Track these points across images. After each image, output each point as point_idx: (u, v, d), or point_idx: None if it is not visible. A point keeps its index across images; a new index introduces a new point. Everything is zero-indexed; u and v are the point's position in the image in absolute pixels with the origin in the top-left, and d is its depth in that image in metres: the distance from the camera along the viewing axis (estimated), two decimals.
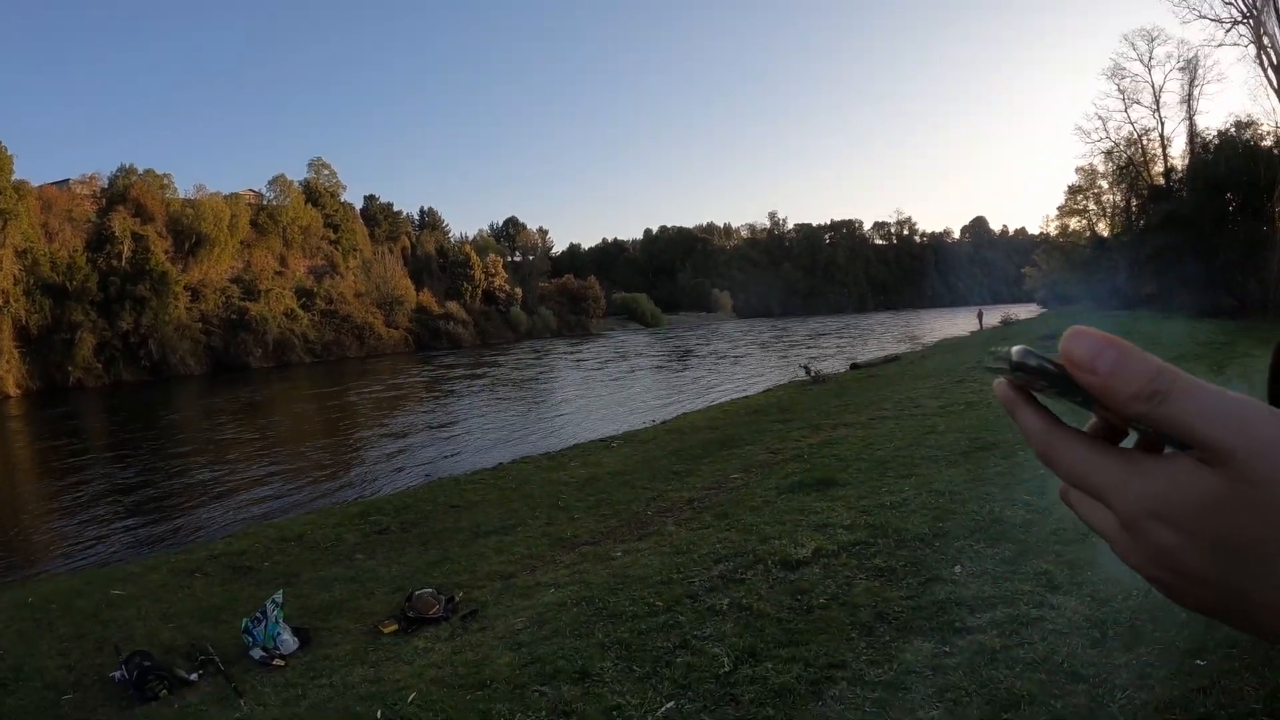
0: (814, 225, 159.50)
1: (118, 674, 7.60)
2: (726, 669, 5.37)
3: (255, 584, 10.39)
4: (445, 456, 23.46)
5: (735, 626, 6.04)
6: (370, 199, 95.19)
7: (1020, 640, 5.08)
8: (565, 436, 24.72)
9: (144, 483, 21.19)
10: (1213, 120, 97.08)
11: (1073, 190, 57.72)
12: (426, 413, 34.01)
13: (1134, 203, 48.55)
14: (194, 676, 7.63)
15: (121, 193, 62.07)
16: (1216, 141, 38.72)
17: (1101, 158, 51.70)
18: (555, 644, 6.46)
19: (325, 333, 71.48)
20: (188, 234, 64.37)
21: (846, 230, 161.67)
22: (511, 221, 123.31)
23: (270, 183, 78.97)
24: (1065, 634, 5.08)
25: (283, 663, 7.94)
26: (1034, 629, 5.21)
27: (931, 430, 13.31)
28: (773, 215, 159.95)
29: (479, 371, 52.48)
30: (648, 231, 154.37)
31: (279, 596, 8.90)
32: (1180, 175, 43.84)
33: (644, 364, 54.79)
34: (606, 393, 38.04)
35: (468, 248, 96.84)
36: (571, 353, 67.87)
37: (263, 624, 8.41)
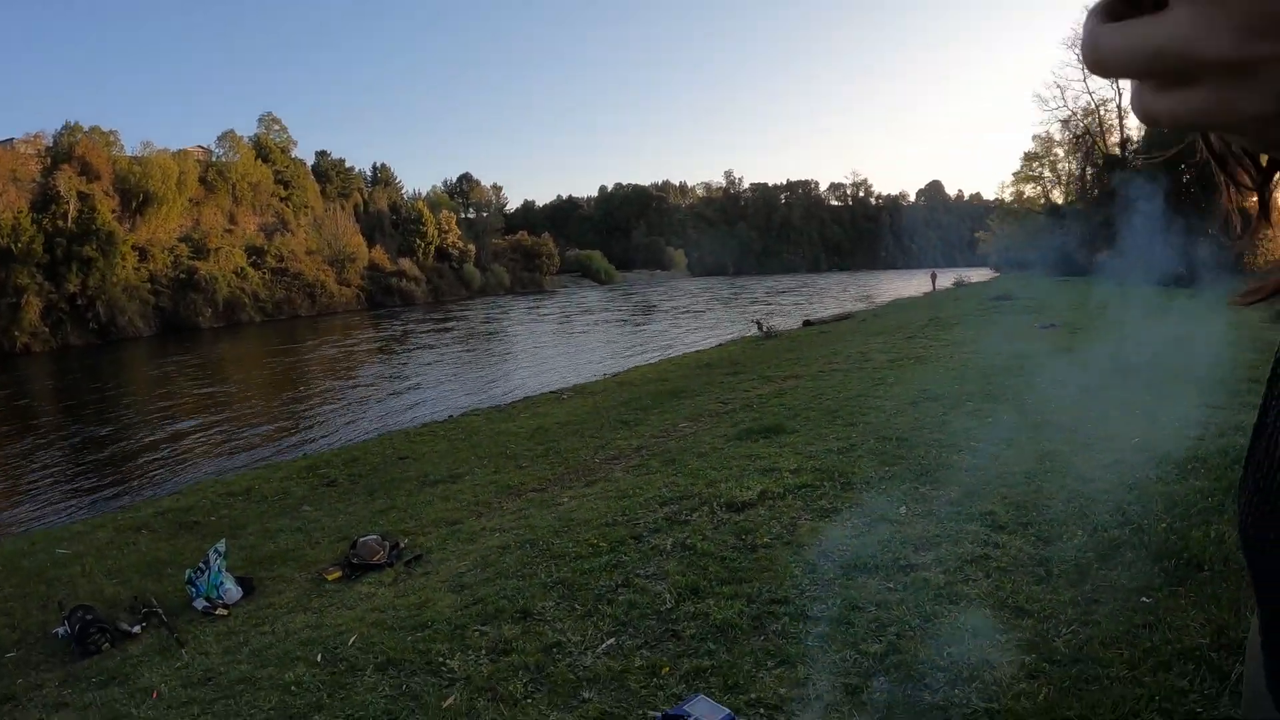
0: (770, 185, 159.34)
1: (61, 630, 7.47)
2: (669, 605, 5.28)
3: (201, 538, 10.20)
4: (397, 411, 23.29)
5: (678, 565, 5.94)
6: (322, 155, 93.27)
7: (965, 577, 5.03)
8: (516, 390, 24.59)
9: (92, 445, 20.74)
10: None
11: (1029, 157, 58.31)
12: (378, 370, 33.70)
13: (1089, 171, 49.04)
14: (136, 629, 7.48)
15: (67, 151, 59.93)
16: None
17: (1058, 126, 52.17)
18: (497, 585, 6.36)
19: (276, 291, 70.19)
20: (135, 192, 62.43)
21: (802, 191, 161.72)
22: (465, 178, 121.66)
23: (219, 138, 76.89)
24: (1010, 572, 5.03)
25: (226, 612, 7.83)
26: (978, 567, 5.17)
27: (881, 382, 13.31)
28: (728, 174, 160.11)
29: (431, 328, 52.05)
30: (603, 189, 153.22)
31: (221, 546, 8.76)
32: (1136, 146, 44.25)
33: (597, 320, 54.64)
34: (558, 348, 37.90)
35: (421, 204, 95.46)
36: (525, 309, 67.60)
37: (205, 574, 8.28)
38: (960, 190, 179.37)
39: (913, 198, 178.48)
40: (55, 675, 6.72)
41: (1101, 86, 47.36)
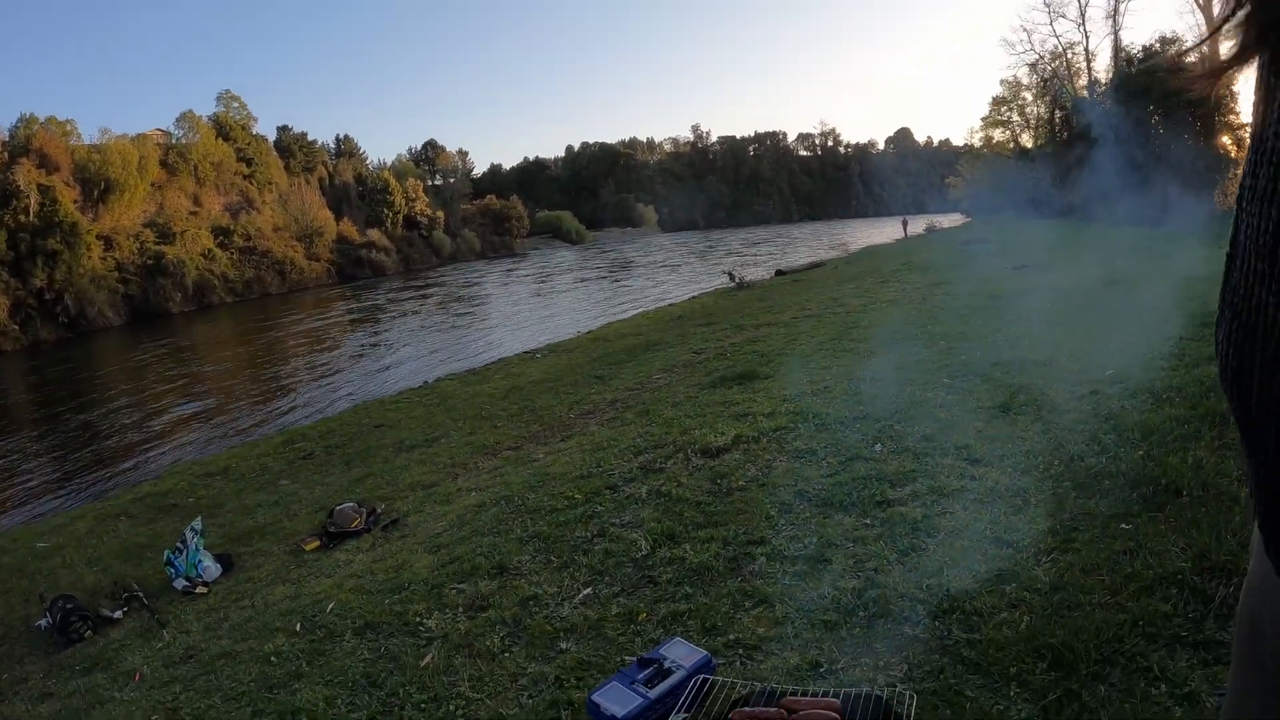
0: (738, 138, 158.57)
1: (43, 622, 7.45)
2: (644, 552, 5.22)
3: (180, 520, 10.15)
4: (372, 382, 23.25)
5: (654, 513, 5.88)
6: (283, 130, 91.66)
7: (942, 510, 4.99)
8: (492, 353, 24.50)
9: (70, 440, 20.44)
10: (1138, 36, 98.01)
11: (997, 101, 58.28)
12: (352, 342, 33.48)
13: (1057, 115, 49.01)
14: (118, 614, 7.50)
15: (23, 144, 58.42)
16: (1141, 56, 39.08)
17: (1026, 70, 52.08)
18: (473, 543, 6.31)
19: (245, 271, 69.16)
20: (96, 181, 61.09)
21: (771, 142, 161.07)
22: (430, 145, 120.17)
23: (178, 120, 75.23)
24: (987, 503, 4.99)
25: (206, 590, 7.84)
26: (955, 500, 5.12)
27: (854, 325, 13.27)
28: (696, 128, 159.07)
29: (403, 298, 51.73)
30: (570, 149, 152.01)
31: (198, 524, 8.73)
32: (1103, 88, 44.22)
33: (569, 280, 54.45)
34: (532, 309, 37.78)
35: (386, 174, 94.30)
36: (497, 273, 67.31)
37: (184, 553, 8.28)
38: (929, 137, 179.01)
39: (881, 146, 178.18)
40: (39, 667, 6.70)
41: (1068, 30, 47.44)
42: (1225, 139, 36.00)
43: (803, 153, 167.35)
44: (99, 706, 5.28)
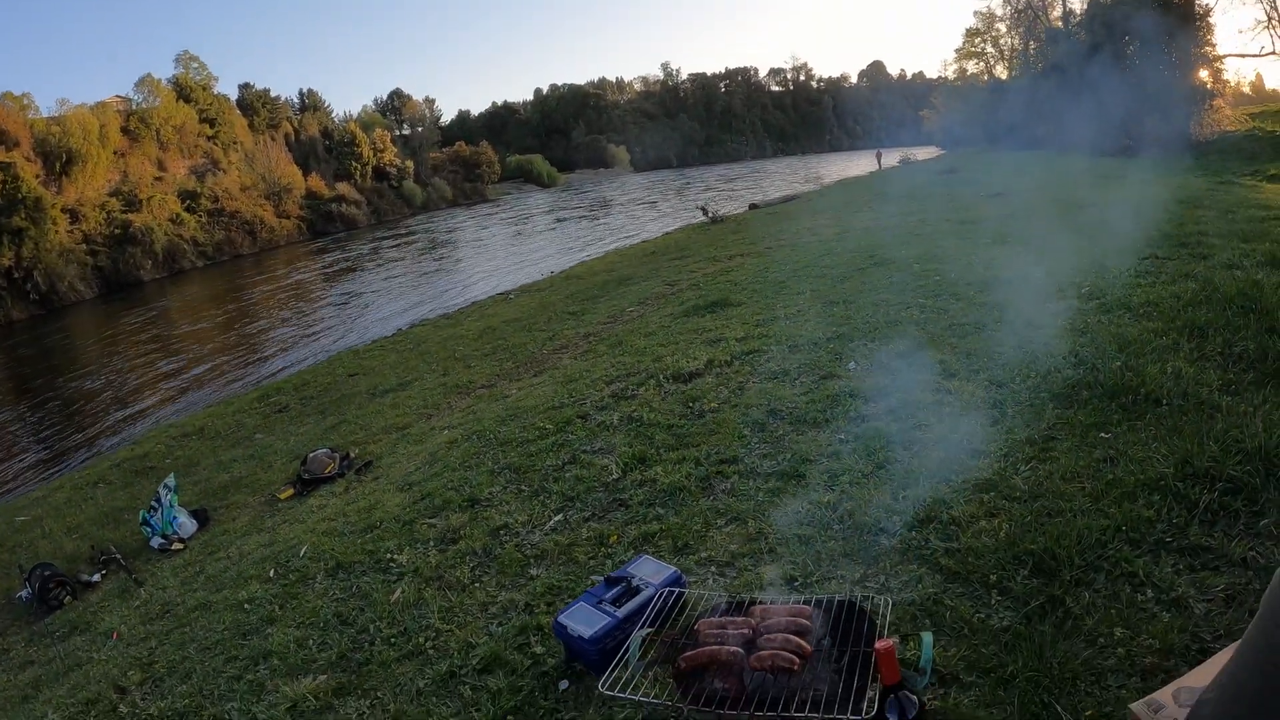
0: (709, 75, 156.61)
1: (23, 593, 7.39)
2: (615, 476, 5.13)
3: (157, 481, 10.00)
4: (349, 333, 23.04)
5: (625, 438, 5.78)
6: (245, 88, 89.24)
7: (917, 424, 4.89)
8: (466, 297, 24.27)
9: (48, 415, 20.06)
10: None
11: (971, 33, 57.61)
12: (326, 296, 33.12)
13: (1032, 46, 48.56)
14: (96, 577, 7.49)
15: None
16: None
17: (1000, 1, 51.49)
18: (445, 478, 6.23)
19: (215, 233, 67.63)
20: (57, 153, 59.35)
21: (742, 78, 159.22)
22: (396, 94, 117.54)
23: (137, 85, 72.97)
24: (963, 416, 4.89)
25: (182, 545, 7.83)
26: (931, 413, 5.03)
27: (828, 253, 13.13)
28: (665, 66, 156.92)
29: (376, 249, 51.18)
30: (538, 92, 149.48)
31: (171, 481, 8.69)
32: (1078, 19, 43.76)
33: (542, 223, 53.99)
34: (506, 253, 37.45)
35: (353, 125, 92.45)
36: (469, 219, 66.65)
37: (159, 512, 8.25)
38: (903, 70, 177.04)
39: (854, 79, 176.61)
40: (21, 637, 6.65)
41: None
42: (1203, 72, 35.81)
43: (775, 88, 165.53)
44: (77, 669, 5.21)
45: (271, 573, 5.45)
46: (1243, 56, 42.49)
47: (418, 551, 4.94)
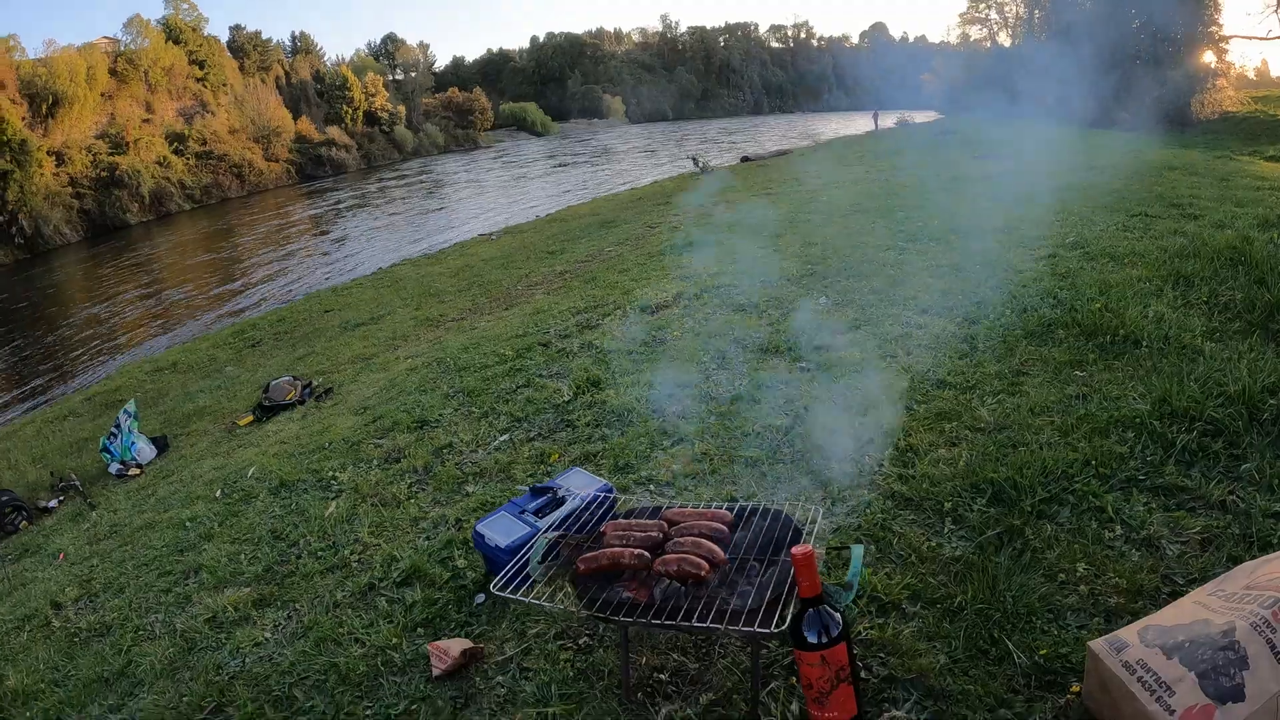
0: (708, 28, 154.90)
1: None
2: (567, 398, 4.95)
3: None
4: (333, 273, 22.74)
5: (583, 363, 5.59)
6: (236, 29, 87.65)
7: (883, 354, 4.70)
8: (450, 239, 23.95)
9: (29, 356, 19.74)
10: None
11: None
12: (312, 238, 32.71)
13: (1036, 14, 47.98)
14: (54, 503, 7.43)
15: None
16: None
17: None
18: (399, 402, 6.07)
19: (202, 176, 66.67)
20: (43, 95, 58.09)
21: (742, 33, 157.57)
22: (390, 38, 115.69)
23: (126, 25, 71.73)
24: (932, 349, 4.70)
25: (139, 471, 7.77)
26: (899, 345, 4.84)
27: (813, 200, 12.90)
28: (665, 18, 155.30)
29: (364, 193, 50.66)
30: (534, 39, 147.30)
31: (131, 407, 8.55)
32: None
33: (533, 170, 53.39)
34: (493, 198, 37.08)
35: (345, 69, 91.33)
36: (459, 166, 65.98)
37: (118, 438, 8.18)
38: (905, 33, 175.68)
39: (855, 40, 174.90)
40: None
41: None
42: (1207, 52, 35.42)
43: (774, 44, 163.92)
44: (21, 588, 5.06)
45: (218, 493, 5.35)
46: (1249, 39, 41.93)
47: (360, 470, 4.79)
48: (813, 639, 1.98)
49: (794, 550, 1.98)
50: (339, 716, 2.65)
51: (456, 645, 2.72)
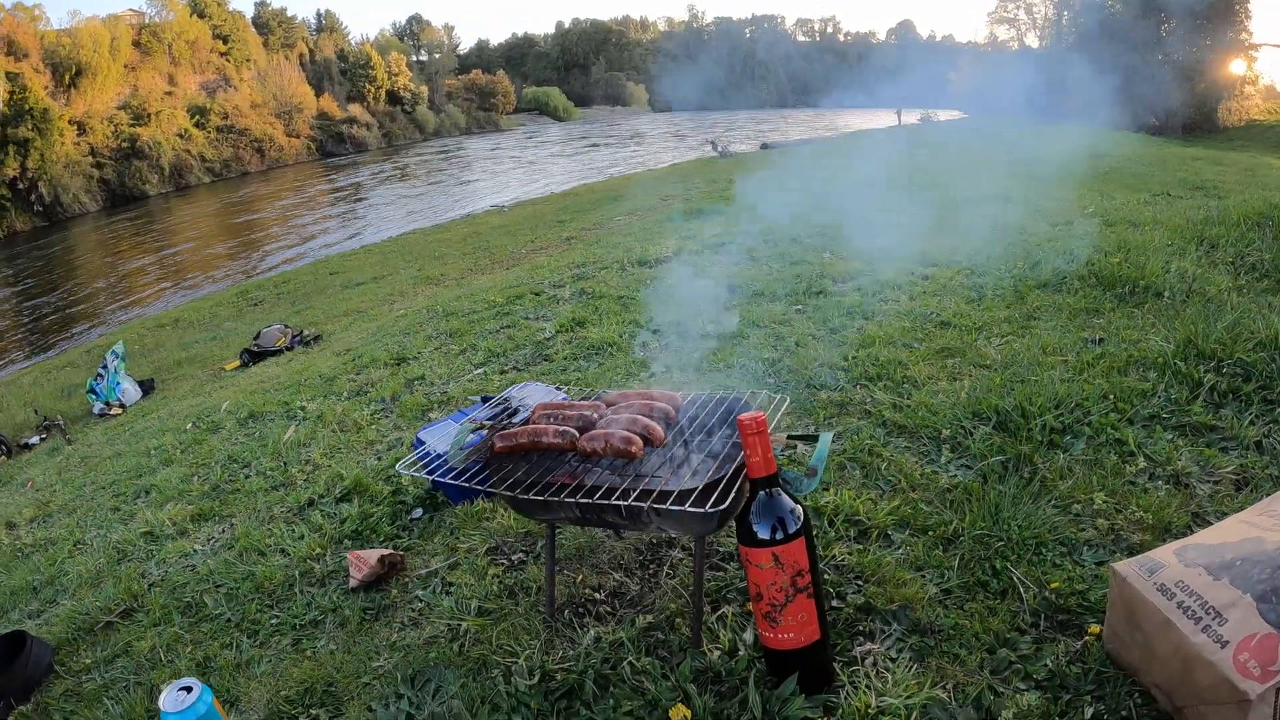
0: (734, 19, 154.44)
1: None
2: (548, 336, 4.75)
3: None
4: (343, 243, 22.72)
5: (571, 308, 5.36)
6: (262, 5, 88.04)
7: (884, 299, 4.44)
8: (462, 212, 23.87)
9: (41, 316, 19.79)
10: None
11: None
12: (329, 212, 32.74)
13: (1065, 16, 47.63)
14: (36, 440, 7.56)
15: None
16: None
17: None
18: (383, 343, 5.93)
19: (223, 150, 66.88)
20: (67, 65, 58.35)
21: (769, 25, 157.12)
22: (415, 19, 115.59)
23: None
24: (937, 295, 4.44)
25: (121, 411, 7.84)
26: (901, 290, 4.59)
27: (834, 180, 12.58)
28: (691, 8, 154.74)
29: (383, 171, 50.63)
30: (559, 25, 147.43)
31: (119, 348, 8.61)
32: None
33: (551, 151, 53.29)
34: (510, 176, 36.89)
35: (369, 47, 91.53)
36: (480, 147, 65.97)
37: (104, 379, 8.21)
38: (933, 31, 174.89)
39: (882, 36, 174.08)
40: None
41: None
42: (1239, 60, 34.98)
43: (801, 38, 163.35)
44: None
45: (189, 426, 5.20)
46: (1278, 47, 41.38)
47: (328, 402, 4.61)
48: (763, 533, 1.61)
49: (740, 417, 1.64)
50: (243, 624, 2.44)
51: (375, 554, 2.49)
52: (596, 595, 2.21)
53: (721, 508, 1.68)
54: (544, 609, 2.16)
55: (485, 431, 2.14)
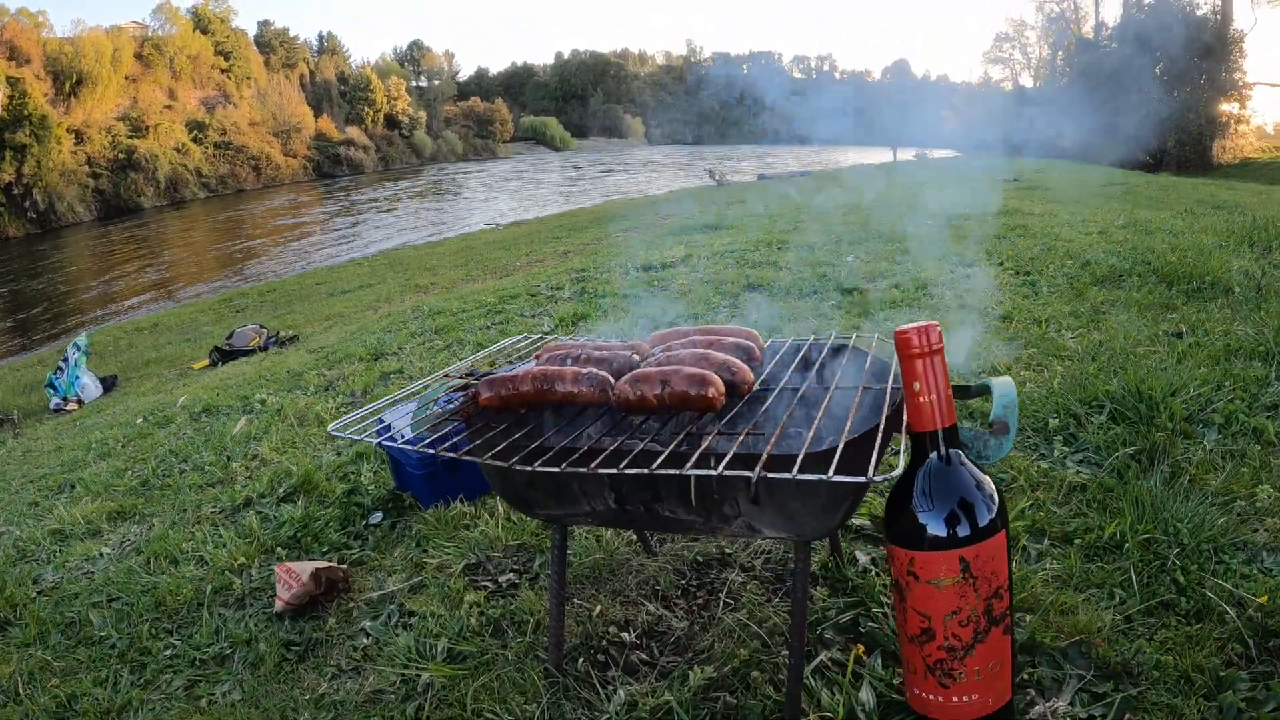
0: (731, 55, 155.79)
1: None
2: (546, 330, 4.37)
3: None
4: (333, 257, 22.51)
5: (568, 306, 4.88)
6: (264, 24, 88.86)
7: (924, 294, 3.98)
8: (455, 232, 23.68)
9: (26, 319, 19.55)
10: None
11: (1000, 38, 57.61)
12: (321, 229, 32.61)
13: (1060, 56, 48.33)
14: None
15: None
16: (1152, 1, 38.24)
17: (1032, 9, 51.52)
18: (360, 341, 5.45)
19: (220, 166, 67.03)
20: (68, 73, 58.51)
21: (765, 62, 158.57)
22: (416, 44, 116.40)
23: (155, 11, 72.59)
24: (981, 292, 3.97)
25: (78, 406, 7.48)
26: (945, 288, 4.19)
27: (839, 203, 12.32)
28: (689, 43, 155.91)
29: (379, 193, 50.61)
30: (559, 55, 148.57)
31: (82, 340, 8.30)
32: (1110, 31, 43.35)
33: (548, 180, 53.31)
34: (506, 201, 36.82)
35: (369, 70, 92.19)
36: (476, 173, 66.17)
37: (64, 373, 7.88)
38: (928, 71, 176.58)
39: (878, 75, 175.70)
40: None
41: None
42: (1233, 100, 35.37)
43: (797, 75, 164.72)
44: None
45: (139, 420, 4.81)
46: (1273, 86, 41.65)
47: (291, 397, 4.14)
48: (939, 525, 1.00)
49: (900, 330, 1.08)
50: (129, 653, 1.88)
51: (309, 568, 1.90)
52: (624, 636, 1.60)
53: (890, 477, 1.04)
54: (547, 654, 1.51)
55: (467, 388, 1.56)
